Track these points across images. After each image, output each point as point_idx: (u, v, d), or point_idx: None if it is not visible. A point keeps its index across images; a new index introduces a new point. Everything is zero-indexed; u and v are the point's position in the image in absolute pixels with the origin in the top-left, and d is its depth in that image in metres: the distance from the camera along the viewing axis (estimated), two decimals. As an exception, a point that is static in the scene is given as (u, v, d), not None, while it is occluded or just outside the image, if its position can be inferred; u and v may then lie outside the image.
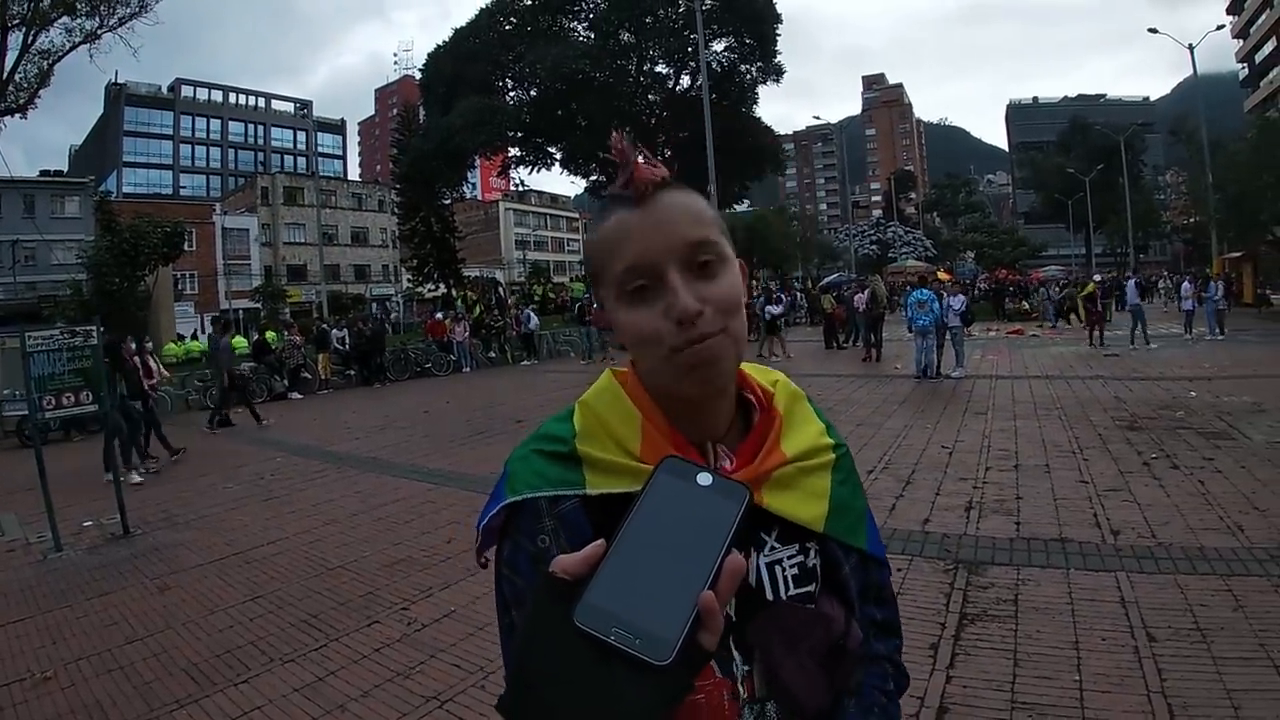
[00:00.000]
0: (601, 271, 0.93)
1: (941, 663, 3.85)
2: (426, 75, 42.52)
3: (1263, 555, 4.97)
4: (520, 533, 0.92)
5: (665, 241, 0.89)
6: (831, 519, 1.00)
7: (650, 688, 0.59)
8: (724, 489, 0.69)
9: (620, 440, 0.94)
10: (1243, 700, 3.29)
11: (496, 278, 54.83)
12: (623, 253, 0.89)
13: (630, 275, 0.89)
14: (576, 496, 0.91)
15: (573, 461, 0.94)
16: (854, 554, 1.04)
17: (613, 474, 0.92)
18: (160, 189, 78.72)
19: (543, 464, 0.94)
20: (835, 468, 1.05)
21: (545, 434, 0.98)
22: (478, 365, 24.69)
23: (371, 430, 13.16)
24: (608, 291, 0.93)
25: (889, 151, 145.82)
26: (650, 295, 0.89)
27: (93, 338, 7.56)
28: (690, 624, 0.61)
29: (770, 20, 38.91)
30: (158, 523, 7.76)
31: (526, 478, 0.93)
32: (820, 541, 1.00)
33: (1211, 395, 11.21)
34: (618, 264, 0.90)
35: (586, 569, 0.64)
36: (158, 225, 22.55)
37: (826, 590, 1.00)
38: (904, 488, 7.25)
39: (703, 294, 0.88)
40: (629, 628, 0.60)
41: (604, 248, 0.92)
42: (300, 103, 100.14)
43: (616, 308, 0.92)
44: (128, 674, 4.34)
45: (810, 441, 1.04)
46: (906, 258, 55.85)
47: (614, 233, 0.91)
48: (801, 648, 0.94)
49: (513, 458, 0.98)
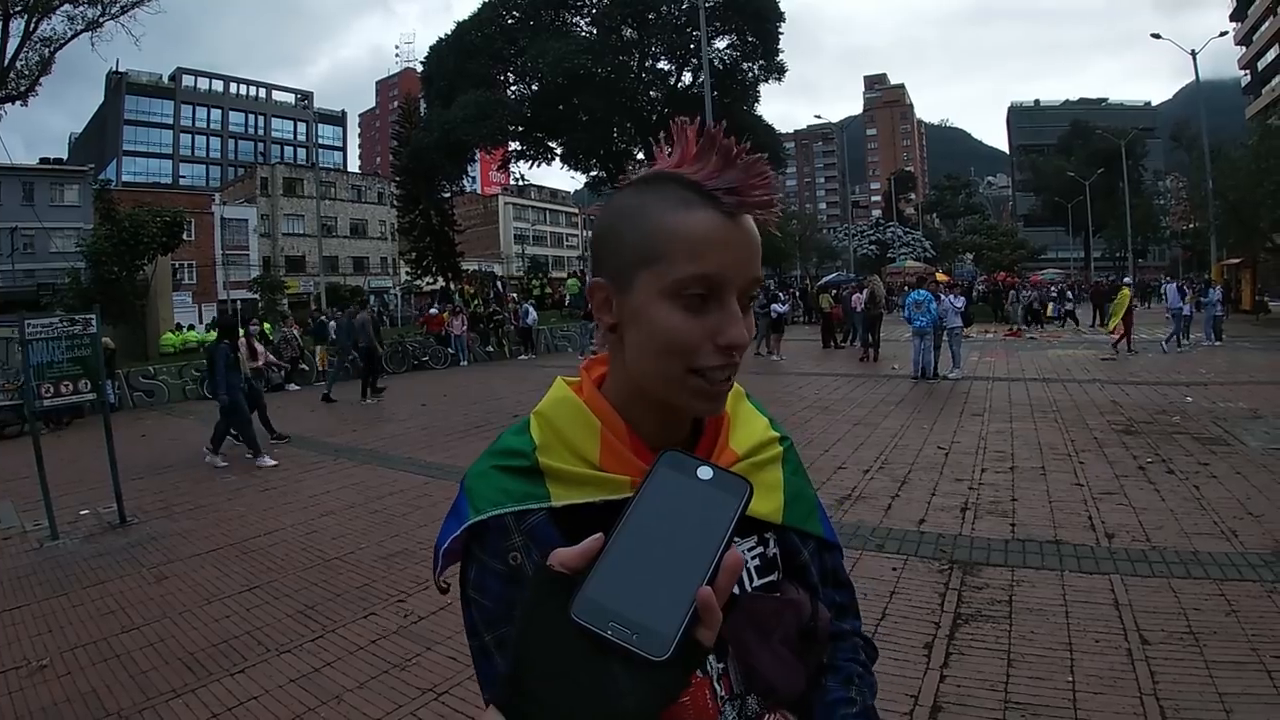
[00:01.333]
0: (659, 258, 0.85)
1: (936, 662, 3.87)
2: (428, 68, 42.38)
3: (1256, 560, 5.01)
4: (487, 553, 0.89)
5: (742, 267, 0.86)
6: (788, 509, 1.02)
7: (647, 683, 0.59)
8: (724, 483, 0.68)
9: (580, 450, 0.92)
10: (1235, 704, 3.32)
11: (495, 272, 54.78)
12: (700, 255, 0.84)
13: (698, 282, 0.84)
14: (543, 510, 0.90)
15: (535, 475, 0.92)
16: (811, 541, 1.06)
17: (576, 484, 0.91)
18: (160, 178, 78.56)
19: (505, 479, 0.92)
20: (784, 460, 1.06)
21: (503, 448, 0.96)
22: (475, 359, 24.68)
23: (369, 422, 13.16)
24: (653, 281, 0.86)
25: (889, 152, 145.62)
26: (704, 308, 0.85)
27: (91, 326, 7.55)
28: (688, 619, 0.60)
29: (773, 18, 38.83)
30: (155, 512, 7.76)
31: (489, 495, 0.91)
32: (777, 532, 1.01)
33: (1208, 401, 11.23)
34: (690, 265, 0.83)
35: (584, 563, 0.64)
36: (157, 214, 22.40)
37: (789, 577, 1.01)
38: (900, 488, 7.27)
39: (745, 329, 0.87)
40: (626, 623, 0.60)
41: (676, 238, 0.84)
42: (301, 94, 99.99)
43: (657, 301, 0.85)
44: (124, 663, 4.36)
45: (758, 437, 1.05)
46: (905, 258, 55.97)
47: (697, 232, 0.84)
48: (774, 636, 0.95)
49: (471, 474, 0.95)
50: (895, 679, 3.67)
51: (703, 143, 0.88)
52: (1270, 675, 3.55)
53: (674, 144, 0.91)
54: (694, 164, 0.88)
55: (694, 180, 0.86)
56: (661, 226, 0.85)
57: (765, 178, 0.87)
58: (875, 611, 4.47)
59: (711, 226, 0.84)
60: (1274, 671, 3.57)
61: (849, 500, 6.88)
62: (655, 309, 0.86)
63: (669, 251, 0.84)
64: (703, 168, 0.87)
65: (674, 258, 0.84)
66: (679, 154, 0.90)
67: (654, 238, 0.86)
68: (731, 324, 0.85)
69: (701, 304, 0.85)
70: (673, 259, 0.84)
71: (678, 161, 0.89)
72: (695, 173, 0.87)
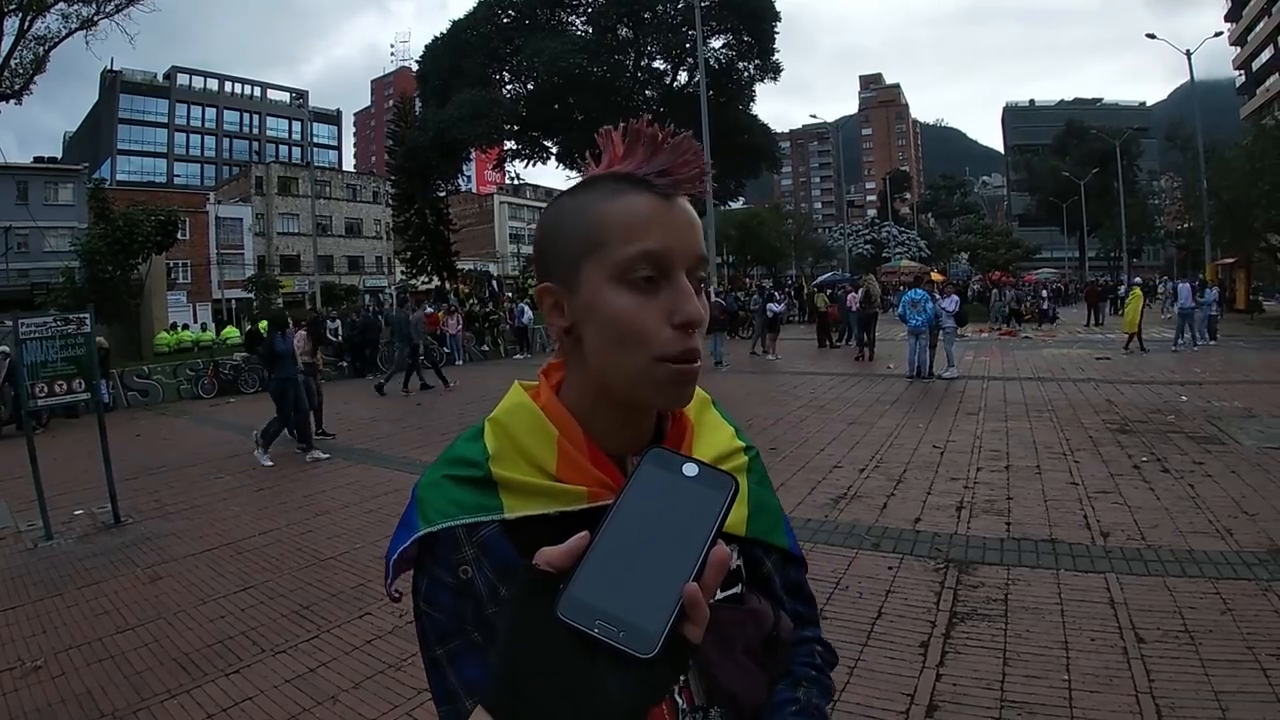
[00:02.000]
0: (599, 245, 0.85)
1: (932, 660, 3.88)
2: (423, 67, 42.40)
3: (1251, 559, 5.03)
4: (438, 565, 0.87)
5: (685, 244, 0.85)
6: (752, 521, 1.00)
7: (635, 681, 0.59)
8: (709, 479, 0.67)
9: (535, 460, 0.90)
10: (1230, 702, 3.33)
11: (490, 271, 54.78)
12: (640, 236, 0.83)
13: (644, 261, 0.83)
14: (495, 522, 0.87)
15: (488, 485, 0.89)
16: (774, 552, 1.04)
17: (530, 495, 0.88)
18: (154, 177, 78.32)
19: (456, 490, 0.89)
20: (749, 470, 1.04)
21: (455, 457, 0.93)
22: (471, 358, 24.65)
23: (363, 422, 13.14)
24: (598, 268, 0.85)
25: (885, 151, 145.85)
26: (654, 290, 0.84)
27: (85, 325, 7.53)
28: (675, 616, 0.60)
29: (769, 18, 38.92)
30: (149, 512, 7.75)
31: (440, 506, 0.88)
32: (741, 543, 0.99)
33: (1203, 400, 11.27)
34: (630, 245, 0.83)
35: (569, 561, 0.63)
36: (151, 214, 22.37)
37: (752, 587, 1.00)
38: (896, 487, 7.28)
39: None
40: (613, 620, 0.59)
41: (613, 223, 0.84)
42: (296, 92, 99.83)
43: (606, 289, 0.84)
44: (118, 663, 4.35)
45: (722, 446, 1.03)
46: (900, 258, 56.02)
47: (630, 213, 0.84)
48: (737, 647, 0.93)
49: (422, 484, 0.92)
50: (891, 678, 3.68)
51: (628, 140, 0.89)
52: (1266, 673, 3.56)
53: (601, 152, 0.92)
54: (623, 161, 0.88)
55: (626, 172, 0.87)
56: (599, 215, 0.85)
57: (694, 154, 0.87)
58: (871, 610, 4.48)
59: (648, 207, 0.85)
60: (1269, 669, 3.59)
61: (844, 499, 6.89)
62: (605, 296, 0.84)
63: (609, 236, 0.84)
64: (631, 160, 0.88)
65: (615, 240, 0.84)
66: (607, 158, 0.90)
67: (593, 227, 0.85)
68: (684, 300, 0.83)
69: (650, 285, 0.84)
70: (614, 242, 0.84)
71: (607, 164, 0.90)
72: (624, 166, 0.88)
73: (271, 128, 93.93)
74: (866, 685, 3.63)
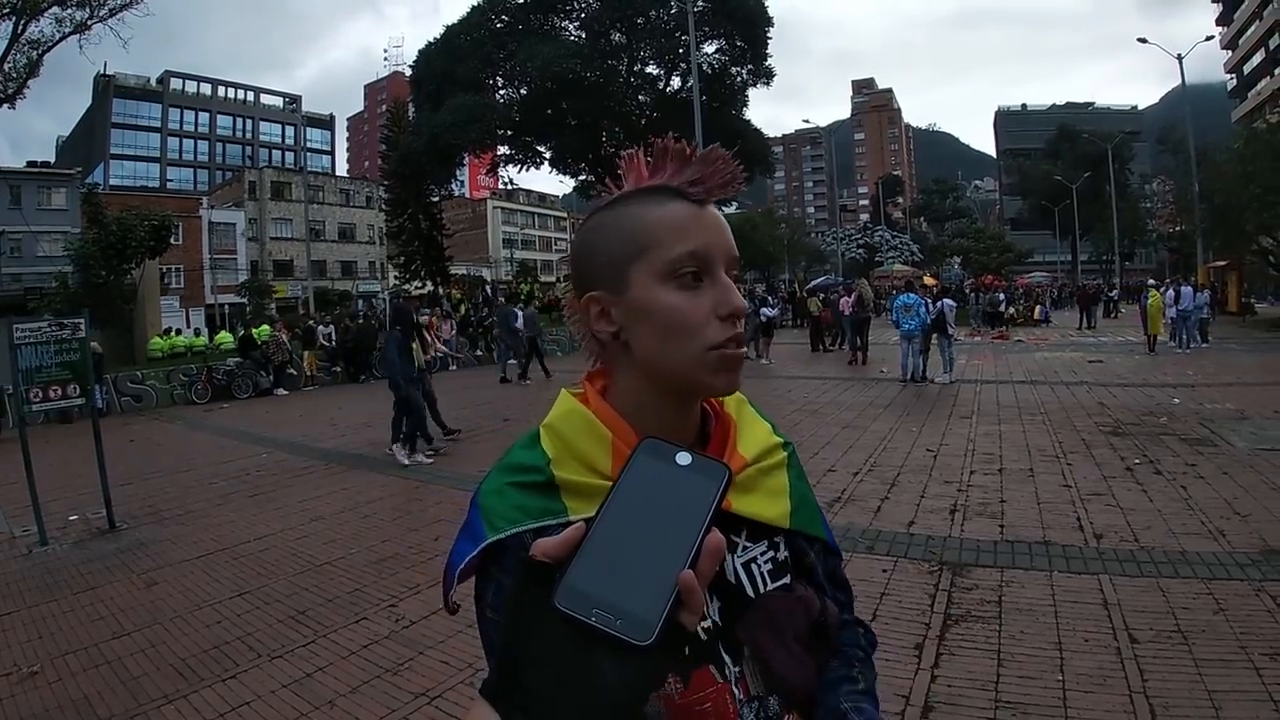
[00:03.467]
0: (646, 250, 0.91)
1: (926, 662, 3.90)
2: (417, 72, 42.37)
3: (1244, 560, 5.05)
4: (504, 572, 0.88)
5: (724, 244, 0.93)
6: (795, 514, 1.03)
7: (632, 668, 0.59)
8: (703, 468, 0.68)
9: (590, 462, 0.92)
10: (1224, 701, 3.35)
11: (484, 276, 54.74)
12: (686, 238, 0.90)
13: (690, 260, 0.90)
14: (559, 526, 0.86)
15: (550, 489, 0.91)
16: (816, 543, 1.07)
17: (591, 497, 0.88)
18: (147, 182, 78.05)
19: (520, 496, 0.91)
20: (789, 465, 1.07)
21: (516, 464, 0.95)
22: (464, 363, 24.63)
23: (358, 427, 13.09)
24: (647, 270, 0.91)
25: (877, 156, 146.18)
26: (700, 286, 0.91)
27: (80, 330, 7.52)
28: (671, 604, 0.61)
29: (762, 23, 38.98)
30: (144, 517, 7.74)
31: (505, 513, 0.90)
32: (785, 535, 1.03)
33: (1195, 402, 11.32)
34: (677, 246, 0.90)
35: (566, 552, 0.64)
36: (145, 218, 22.30)
37: (797, 576, 1.03)
38: (889, 490, 7.30)
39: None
40: (610, 609, 0.60)
41: (657, 228, 0.91)
42: (289, 97, 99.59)
43: (656, 288, 0.90)
44: (115, 669, 4.34)
45: (763, 442, 1.06)
46: (893, 262, 56.11)
47: (673, 219, 0.91)
48: (787, 634, 0.96)
49: (484, 492, 0.94)
50: (886, 679, 3.67)
51: (654, 158, 0.95)
52: (1259, 673, 3.58)
53: (625, 174, 0.98)
54: (651, 178, 0.95)
55: (660, 184, 0.94)
56: (644, 221, 0.92)
57: (724, 162, 0.94)
58: (866, 613, 4.47)
59: (687, 212, 0.92)
60: (1262, 669, 3.61)
61: (839, 502, 6.91)
62: (655, 295, 0.91)
63: (656, 239, 0.91)
64: (660, 175, 0.94)
65: (662, 242, 0.90)
66: (632, 179, 0.97)
67: (640, 232, 0.92)
68: (728, 293, 0.91)
69: (695, 281, 0.91)
70: (661, 244, 0.90)
71: (634, 184, 0.97)
72: (655, 180, 0.95)
73: (265, 132, 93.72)
74: (862, 687, 3.63)
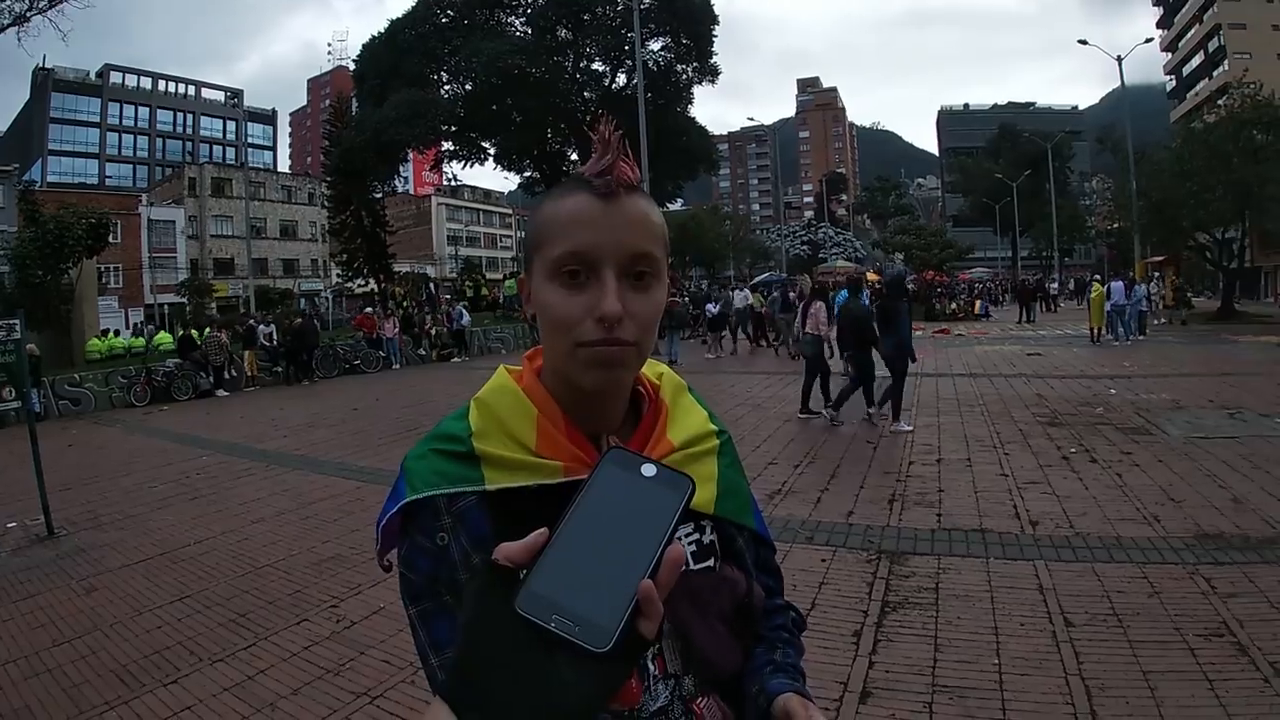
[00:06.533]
0: (542, 244, 0.94)
1: (864, 649, 3.98)
2: (361, 66, 41.71)
3: (1179, 544, 5.21)
4: (418, 531, 0.93)
5: (614, 242, 0.91)
6: (721, 501, 1.06)
7: (589, 675, 0.61)
8: (667, 480, 0.70)
9: (516, 436, 0.96)
10: (1159, 682, 3.46)
11: (427, 273, 54.22)
12: (570, 235, 0.91)
13: (568, 259, 0.90)
14: (474, 494, 0.93)
15: (470, 459, 0.95)
16: (745, 531, 1.10)
17: (510, 469, 0.94)
18: (86, 178, 75.89)
19: (441, 462, 0.96)
20: (720, 452, 1.10)
21: (442, 433, 1.00)
22: (408, 362, 24.48)
23: (299, 428, 12.98)
24: (540, 264, 0.94)
25: (822, 154, 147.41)
26: (581, 284, 0.91)
27: (15, 332, 7.34)
28: (630, 612, 0.62)
29: (707, 21, 39.10)
30: (83, 523, 7.58)
31: (425, 476, 0.95)
32: (714, 520, 1.06)
33: (1131, 393, 11.65)
34: (561, 244, 0.91)
35: (529, 556, 0.65)
36: (82, 216, 21.72)
37: (725, 560, 1.06)
38: (829, 481, 7.44)
39: (630, 304, 0.90)
40: (569, 615, 0.61)
41: (554, 223, 0.93)
42: (231, 91, 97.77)
43: (543, 284, 0.93)
44: (56, 676, 4.28)
45: (695, 429, 1.08)
46: (837, 258, 56.59)
47: (569, 214, 0.92)
48: (710, 611, 0.99)
49: (410, 456, 0.99)
50: (825, 666, 3.75)
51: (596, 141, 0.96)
52: (1193, 653, 3.70)
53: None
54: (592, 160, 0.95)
55: (580, 173, 0.95)
56: (543, 215, 0.96)
57: (628, 154, 0.94)
58: (805, 601, 4.57)
59: (580, 205, 0.92)
60: (1197, 649, 3.73)
61: (779, 494, 7.01)
62: (541, 290, 0.94)
63: (549, 234, 0.94)
64: (594, 163, 0.94)
65: (552, 238, 0.93)
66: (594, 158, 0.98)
67: (539, 226, 0.96)
68: (604, 297, 0.89)
69: (575, 280, 0.91)
70: (551, 239, 0.93)
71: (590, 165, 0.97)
72: (585, 167, 0.95)
73: (206, 127, 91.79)
74: (799, 675, 3.70)
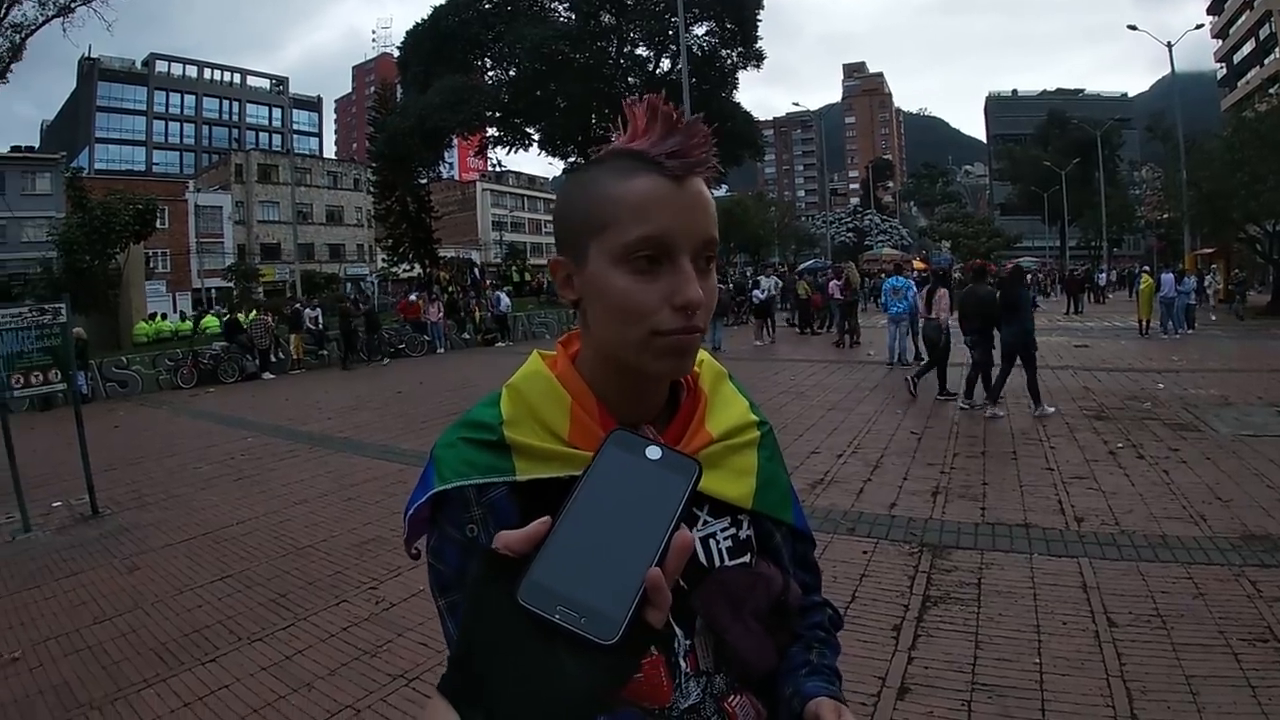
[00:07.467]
0: (606, 226, 0.87)
1: (904, 644, 3.92)
2: (405, 53, 41.91)
3: (1224, 545, 5.08)
4: (447, 522, 0.91)
5: (691, 227, 0.87)
6: (759, 495, 1.02)
7: (596, 666, 0.58)
8: (673, 463, 0.67)
9: (549, 425, 0.93)
10: (1201, 686, 3.37)
11: (473, 258, 54.52)
12: (646, 219, 0.85)
13: (645, 244, 0.85)
14: (505, 484, 0.90)
15: (501, 448, 0.92)
16: (783, 526, 1.06)
17: (541, 460, 0.91)
18: (133, 166, 77.28)
19: (471, 451, 0.92)
20: (761, 445, 1.06)
21: (472, 420, 0.96)
22: (452, 346, 24.63)
23: (343, 410, 13.13)
24: (603, 249, 0.88)
25: (868, 140, 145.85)
26: (654, 271, 0.86)
27: (61, 316, 7.48)
28: (637, 602, 0.59)
29: (751, 4, 38.70)
30: (127, 503, 7.73)
31: (454, 465, 0.91)
32: (751, 515, 1.01)
33: (1179, 388, 11.36)
34: (635, 228, 0.85)
35: (531, 546, 0.62)
36: (129, 202, 22.10)
37: (762, 555, 1.02)
38: (872, 472, 7.34)
39: (701, 290, 0.87)
40: (574, 606, 0.59)
41: (621, 205, 0.87)
42: (276, 79, 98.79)
43: (608, 269, 0.87)
44: (95, 654, 4.35)
45: (736, 420, 1.04)
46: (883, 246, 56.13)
47: (640, 196, 0.86)
48: (745, 609, 0.95)
49: (439, 444, 0.95)
50: (863, 661, 3.71)
51: (648, 115, 0.90)
52: (1237, 658, 3.60)
53: (626, 124, 0.93)
54: (642, 137, 0.90)
55: (639, 150, 0.88)
56: (607, 195, 0.88)
57: (705, 137, 0.89)
58: (845, 594, 4.52)
59: (655, 189, 0.86)
60: (1240, 654, 3.63)
61: (821, 484, 6.94)
62: (607, 276, 0.87)
63: (615, 218, 0.86)
64: (648, 137, 0.89)
65: (620, 223, 0.86)
66: (630, 131, 0.92)
67: (601, 206, 0.88)
68: (685, 283, 0.85)
69: (651, 266, 0.86)
70: (618, 224, 0.86)
71: (630, 138, 0.91)
72: (641, 144, 0.89)
73: (251, 115, 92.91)
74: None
